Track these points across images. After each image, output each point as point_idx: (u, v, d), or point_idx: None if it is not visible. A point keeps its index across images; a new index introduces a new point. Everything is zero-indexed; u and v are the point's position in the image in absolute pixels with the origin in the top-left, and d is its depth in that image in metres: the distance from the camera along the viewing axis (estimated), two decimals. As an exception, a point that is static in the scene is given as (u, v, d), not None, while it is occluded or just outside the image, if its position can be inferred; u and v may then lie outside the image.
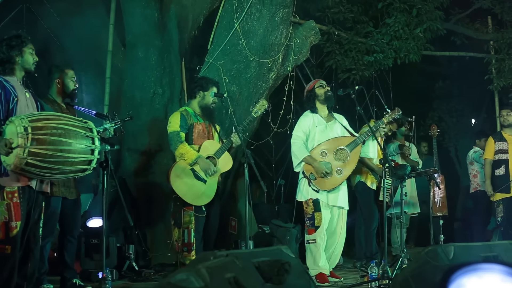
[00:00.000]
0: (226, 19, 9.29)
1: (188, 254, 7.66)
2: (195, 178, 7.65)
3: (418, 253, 5.84)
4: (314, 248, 8.03)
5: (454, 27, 13.50)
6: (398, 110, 8.33)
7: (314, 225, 8.02)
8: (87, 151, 5.87)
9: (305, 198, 8.11)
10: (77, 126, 5.85)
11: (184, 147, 7.63)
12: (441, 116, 16.04)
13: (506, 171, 10.00)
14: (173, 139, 7.70)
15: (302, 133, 8.19)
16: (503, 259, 5.95)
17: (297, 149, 8.12)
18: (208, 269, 4.30)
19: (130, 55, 9.54)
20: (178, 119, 7.75)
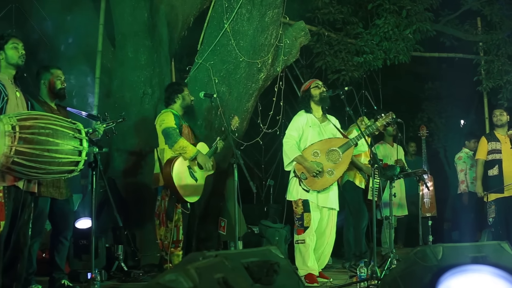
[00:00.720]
0: (216, 20, 9.28)
1: (175, 250, 7.76)
2: (189, 175, 7.76)
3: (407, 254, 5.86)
4: (303, 249, 8.02)
5: (443, 29, 13.53)
6: (391, 114, 8.34)
7: (303, 225, 8.02)
8: (75, 152, 5.84)
9: (294, 198, 8.10)
10: (66, 127, 5.83)
11: (184, 141, 7.72)
12: (430, 117, 16.06)
13: (499, 171, 10.03)
14: (171, 134, 7.72)
15: (295, 132, 8.19)
16: (492, 260, 5.98)
17: (289, 148, 8.13)
18: (197, 270, 4.30)
19: (120, 55, 9.52)
20: (172, 117, 7.83)
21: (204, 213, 9.72)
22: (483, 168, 10.25)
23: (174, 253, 7.77)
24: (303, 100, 8.44)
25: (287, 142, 8.16)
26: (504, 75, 12.75)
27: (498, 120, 10.17)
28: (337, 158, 8.18)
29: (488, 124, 13.43)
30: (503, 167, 10.01)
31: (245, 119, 9.62)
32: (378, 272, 7.38)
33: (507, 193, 10.00)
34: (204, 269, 4.40)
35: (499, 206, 10.05)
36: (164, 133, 7.78)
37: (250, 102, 9.53)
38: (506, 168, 10.00)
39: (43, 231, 7.20)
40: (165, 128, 7.78)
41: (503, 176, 9.99)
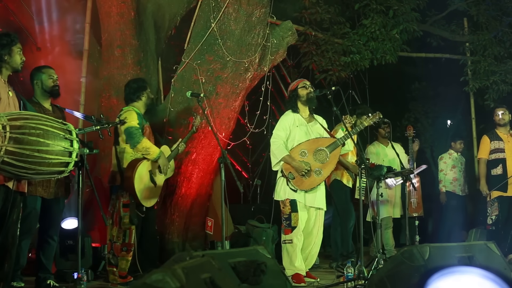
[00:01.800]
0: (203, 19, 9.26)
1: (126, 254, 7.69)
2: (150, 179, 7.73)
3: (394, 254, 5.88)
4: (290, 249, 8.02)
5: (430, 29, 13.56)
6: (379, 114, 8.35)
7: (291, 225, 8.02)
8: (65, 153, 5.81)
9: (282, 197, 8.11)
10: (56, 128, 5.80)
11: (147, 141, 7.67)
12: (417, 117, 16.12)
13: (503, 170, 10.09)
14: (134, 133, 7.62)
15: (282, 132, 8.20)
16: (478, 260, 5.99)
17: (276, 148, 8.13)
18: (184, 270, 4.29)
19: (106, 54, 9.48)
20: (135, 116, 7.73)
21: (191, 213, 9.71)
22: (486, 167, 10.26)
23: (124, 257, 7.70)
24: (290, 100, 8.45)
25: (275, 142, 8.16)
26: (490, 75, 12.79)
27: (501, 120, 10.20)
28: (324, 157, 8.19)
29: (475, 123, 13.48)
30: (507, 166, 10.05)
31: (232, 118, 9.61)
32: (365, 272, 7.40)
33: (509, 193, 10.00)
34: (191, 269, 4.39)
35: (502, 205, 10.08)
36: (126, 132, 7.67)
37: (237, 102, 9.52)
38: (510, 167, 10.06)
39: (33, 230, 7.15)
40: (128, 127, 7.65)
41: (507, 175, 10.06)
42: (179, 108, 9.18)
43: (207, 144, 9.38)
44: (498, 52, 12.91)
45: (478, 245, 6.51)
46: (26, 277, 7.01)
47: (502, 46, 12.96)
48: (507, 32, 12.97)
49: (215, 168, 9.67)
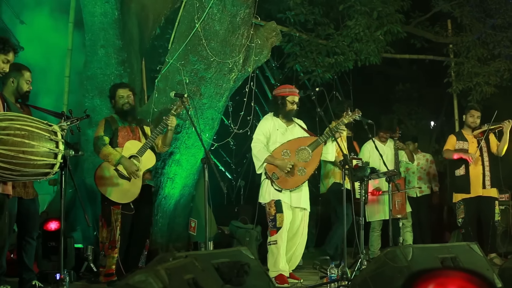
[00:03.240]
0: (187, 19, 9.23)
1: (111, 251, 7.86)
2: (119, 177, 7.87)
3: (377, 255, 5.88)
4: (275, 250, 8.02)
5: (414, 30, 13.62)
6: (358, 112, 8.35)
7: (276, 226, 8.02)
8: (50, 155, 5.79)
9: (267, 200, 8.12)
10: (42, 129, 5.78)
11: (107, 149, 7.91)
12: (400, 118, 16.14)
13: (466, 171, 10.17)
14: (96, 144, 8.01)
15: (262, 136, 8.21)
16: (461, 261, 6.01)
17: (258, 151, 8.14)
18: (167, 270, 4.27)
19: (90, 54, 9.44)
20: (103, 124, 8.08)
21: (174, 213, 9.69)
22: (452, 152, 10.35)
23: (110, 255, 7.87)
24: (275, 104, 8.42)
25: (255, 146, 8.18)
26: (473, 77, 12.86)
27: (474, 123, 10.24)
28: (307, 156, 8.19)
29: (458, 125, 13.54)
30: (470, 168, 10.13)
31: (215, 119, 9.59)
32: (349, 273, 7.40)
33: (473, 193, 10.12)
34: (174, 270, 4.37)
35: (467, 207, 10.17)
36: (93, 142, 8.10)
37: (221, 102, 9.50)
38: (472, 168, 10.15)
39: (12, 231, 7.11)
40: (94, 137, 8.10)
41: (469, 176, 10.15)
42: (162, 109, 9.15)
43: (191, 144, 9.36)
44: (482, 53, 12.98)
45: (460, 246, 6.53)
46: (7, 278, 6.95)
47: (486, 48, 13.03)
48: (490, 34, 13.04)
49: (198, 168, 9.65)
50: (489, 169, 10.17)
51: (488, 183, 10.14)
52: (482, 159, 10.18)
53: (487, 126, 10.06)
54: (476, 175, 10.14)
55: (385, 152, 10.15)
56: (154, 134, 8.06)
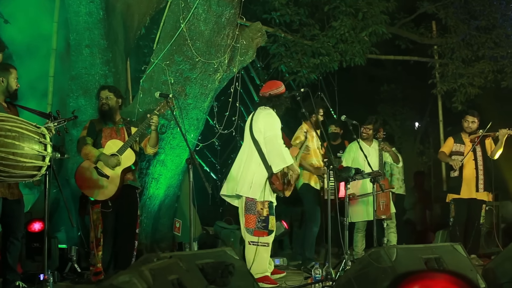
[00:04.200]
0: (172, 19, 9.22)
1: (97, 250, 7.97)
2: (98, 174, 7.91)
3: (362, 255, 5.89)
4: (264, 252, 8.00)
5: (399, 31, 13.66)
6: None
7: (268, 228, 7.98)
8: (39, 157, 5.79)
9: (261, 198, 8.01)
10: (31, 131, 5.77)
11: (87, 148, 8.00)
12: (385, 119, 16.17)
13: (460, 173, 10.39)
14: (79, 143, 8.13)
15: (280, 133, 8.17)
16: (445, 261, 6.04)
17: (286, 152, 8.09)
18: (151, 271, 4.27)
19: (75, 54, 9.41)
20: (88, 126, 8.20)
21: (159, 214, 9.68)
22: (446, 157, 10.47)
23: (96, 253, 7.98)
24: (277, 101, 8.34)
25: (282, 145, 8.09)
26: (458, 78, 12.92)
27: (468, 128, 10.38)
28: None
29: (442, 126, 13.60)
30: (464, 170, 10.33)
31: (200, 119, 9.58)
32: (333, 273, 7.42)
33: (463, 195, 10.24)
34: (158, 270, 4.37)
35: (457, 207, 10.32)
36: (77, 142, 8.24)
37: (206, 103, 9.50)
38: (466, 171, 10.35)
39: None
40: (79, 137, 8.24)
41: (462, 178, 10.35)
42: (147, 109, 9.13)
43: (176, 145, 9.35)
44: (466, 55, 13.04)
45: (444, 247, 6.56)
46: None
47: (470, 49, 13.09)
48: (475, 35, 13.10)
49: (183, 169, 9.64)
50: (483, 173, 10.36)
51: (481, 186, 10.35)
52: (476, 163, 10.37)
53: (481, 133, 10.20)
54: (470, 178, 10.34)
55: (370, 153, 10.16)
56: (136, 133, 8.05)
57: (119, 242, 8.10)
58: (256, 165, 8.06)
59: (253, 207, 8.03)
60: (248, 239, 8.03)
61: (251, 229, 8.03)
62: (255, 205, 8.03)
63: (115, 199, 7.95)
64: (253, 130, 8.16)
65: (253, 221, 8.01)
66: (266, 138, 8.03)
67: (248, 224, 8.04)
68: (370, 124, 10.50)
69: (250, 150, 8.15)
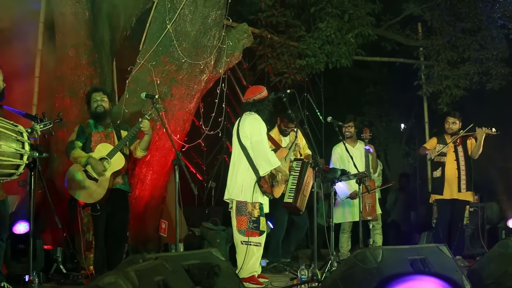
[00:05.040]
0: (159, 20, 9.20)
1: (89, 253, 7.94)
2: (87, 178, 7.90)
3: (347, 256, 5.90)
4: (256, 252, 8.04)
5: (385, 33, 13.70)
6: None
7: (259, 228, 8.03)
8: (16, 156, 5.75)
9: (251, 200, 8.04)
10: (8, 129, 5.73)
11: (76, 152, 7.96)
12: (371, 120, 16.24)
13: (442, 174, 10.42)
14: (68, 147, 8.06)
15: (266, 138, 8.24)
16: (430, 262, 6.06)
17: (272, 155, 8.17)
18: (137, 272, 4.26)
19: (60, 55, 9.38)
20: (76, 130, 8.16)
21: (144, 215, 9.65)
22: None
23: (88, 256, 7.95)
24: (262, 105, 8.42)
25: (268, 149, 8.22)
26: (443, 80, 12.97)
27: (449, 129, 10.41)
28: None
29: (428, 127, 13.64)
30: (446, 170, 10.37)
31: (187, 120, 9.58)
32: (319, 274, 7.43)
33: (446, 195, 10.27)
34: (144, 271, 4.36)
35: (440, 208, 10.37)
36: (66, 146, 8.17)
37: (192, 104, 9.49)
38: (447, 171, 10.39)
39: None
40: (67, 141, 8.18)
41: (444, 179, 10.38)
42: (133, 110, 9.12)
43: (162, 146, 9.34)
44: (452, 57, 13.10)
45: (430, 248, 6.59)
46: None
47: (455, 51, 13.15)
48: (460, 37, 13.15)
49: (169, 170, 9.63)
50: (465, 173, 10.36)
51: (464, 187, 10.34)
52: (458, 163, 10.39)
53: (462, 133, 10.23)
54: (452, 178, 10.36)
55: (354, 154, 10.18)
56: (126, 137, 8.03)
57: (112, 245, 8.10)
58: (245, 169, 8.14)
59: (244, 208, 8.07)
60: (240, 239, 8.06)
61: (243, 230, 8.07)
62: (246, 207, 8.07)
63: (104, 202, 7.94)
64: (240, 136, 8.23)
65: (244, 222, 8.05)
66: (253, 143, 8.12)
67: (240, 226, 8.08)
68: (350, 122, 10.53)
69: (238, 156, 8.24)
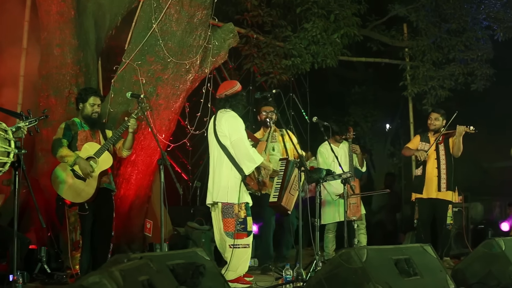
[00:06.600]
0: (144, 19, 9.19)
1: (76, 253, 7.96)
2: (75, 177, 7.91)
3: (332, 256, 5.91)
4: (245, 253, 8.00)
5: (370, 34, 13.74)
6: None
7: (247, 229, 7.97)
8: (4, 153, 5.74)
9: (237, 201, 7.97)
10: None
11: (64, 150, 7.94)
12: (356, 120, 16.28)
13: (423, 172, 10.33)
14: (54, 145, 8.03)
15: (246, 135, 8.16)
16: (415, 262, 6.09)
17: (254, 153, 8.08)
18: (122, 272, 4.26)
19: (45, 53, 9.34)
20: (63, 128, 8.13)
21: (129, 214, 9.64)
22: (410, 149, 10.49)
23: (74, 256, 7.97)
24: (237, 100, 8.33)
25: (249, 146, 8.09)
26: (428, 80, 13.03)
27: (431, 124, 10.35)
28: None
29: (413, 128, 13.69)
30: (426, 168, 10.30)
31: (172, 120, 9.57)
32: (304, 274, 7.44)
33: (426, 194, 10.24)
34: (128, 271, 4.36)
35: (420, 207, 10.35)
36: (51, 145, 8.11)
37: (177, 103, 9.48)
38: (428, 169, 10.31)
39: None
40: (53, 139, 8.15)
41: (425, 177, 10.32)
42: (119, 109, 9.10)
43: (147, 145, 9.33)
44: (437, 57, 13.16)
45: (414, 248, 6.61)
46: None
47: (441, 52, 13.21)
48: (445, 38, 13.21)
49: (154, 169, 9.62)
50: (445, 172, 10.24)
51: (444, 186, 10.22)
52: (439, 162, 10.28)
53: (443, 131, 10.19)
54: (432, 177, 10.26)
55: (339, 154, 10.20)
56: (114, 136, 8.05)
57: (97, 244, 8.11)
58: (228, 169, 8.02)
59: (230, 210, 7.98)
60: (229, 242, 7.97)
61: (231, 232, 7.95)
62: (232, 208, 7.97)
63: (92, 201, 7.96)
64: (218, 135, 8.11)
65: (232, 225, 7.96)
66: (233, 142, 8.01)
67: (227, 228, 7.99)
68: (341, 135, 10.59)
69: (219, 156, 8.11)
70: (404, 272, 5.93)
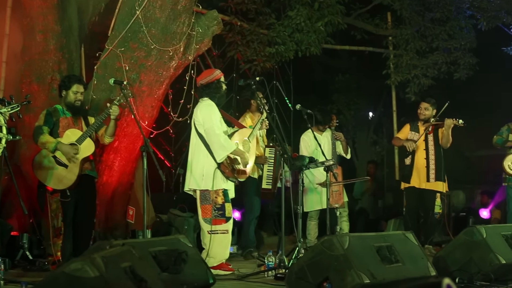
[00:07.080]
0: (128, 6, 9.15)
1: (57, 239, 7.96)
2: (56, 163, 7.86)
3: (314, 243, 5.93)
4: (224, 239, 8.01)
5: (354, 22, 13.78)
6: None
7: (225, 215, 7.97)
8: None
9: (213, 187, 7.95)
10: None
11: (44, 137, 7.89)
12: (339, 108, 16.30)
13: (411, 162, 10.36)
14: (35, 132, 7.99)
15: (220, 124, 8.14)
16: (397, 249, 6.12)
17: (225, 140, 8.00)
18: (104, 259, 4.26)
19: (28, 39, 9.29)
20: (44, 115, 8.08)
21: (112, 201, 9.63)
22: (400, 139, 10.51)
23: (56, 243, 7.97)
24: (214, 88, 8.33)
25: (220, 134, 8.01)
26: (412, 69, 13.09)
27: (421, 114, 10.35)
28: (249, 148, 8.36)
29: (396, 116, 13.74)
30: (415, 159, 10.32)
31: (155, 107, 9.55)
32: (286, 261, 7.46)
33: (414, 183, 10.27)
34: (110, 258, 4.36)
35: (408, 195, 10.40)
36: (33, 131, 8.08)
37: (160, 90, 9.46)
38: (417, 159, 10.33)
39: None
40: (34, 126, 8.09)
41: (413, 167, 10.35)
42: (101, 96, 9.07)
43: (130, 132, 9.31)
44: (420, 46, 13.22)
45: (396, 235, 6.65)
46: None
47: (424, 41, 13.27)
48: (429, 27, 13.27)
49: (137, 156, 9.60)
50: (434, 163, 10.27)
51: (433, 176, 10.25)
52: (427, 152, 10.31)
53: (433, 121, 10.22)
54: (420, 167, 10.29)
55: (322, 142, 10.22)
56: (96, 123, 8.00)
57: (79, 231, 8.08)
58: (205, 156, 8.05)
59: (207, 197, 8.00)
60: (207, 228, 7.99)
61: (208, 218, 7.97)
62: (209, 195, 7.99)
63: (73, 188, 7.92)
64: (196, 123, 8.16)
65: (209, 211, 7.98)
66: (205, 130, 8.04)
67: (205, 215, 8.01)
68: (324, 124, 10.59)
69: (197, 143, 8.15)
70: (386, 259, 5.96)
